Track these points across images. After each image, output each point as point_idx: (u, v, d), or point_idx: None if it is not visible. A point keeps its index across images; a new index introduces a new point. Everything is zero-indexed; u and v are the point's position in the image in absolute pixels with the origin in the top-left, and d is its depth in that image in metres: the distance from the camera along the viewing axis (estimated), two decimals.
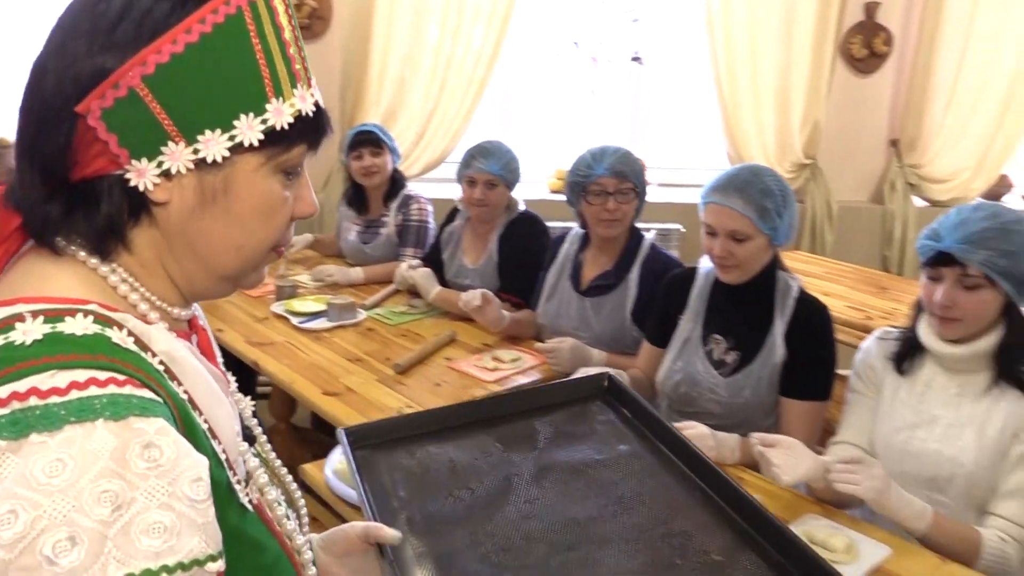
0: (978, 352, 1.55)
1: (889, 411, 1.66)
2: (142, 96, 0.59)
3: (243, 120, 0.62)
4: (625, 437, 1.13)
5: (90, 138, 0.60)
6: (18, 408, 0.52)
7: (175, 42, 0.59)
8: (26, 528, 0.49)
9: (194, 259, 0.66)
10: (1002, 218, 1.51)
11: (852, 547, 1.40)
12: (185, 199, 0.63)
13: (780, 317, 1.85)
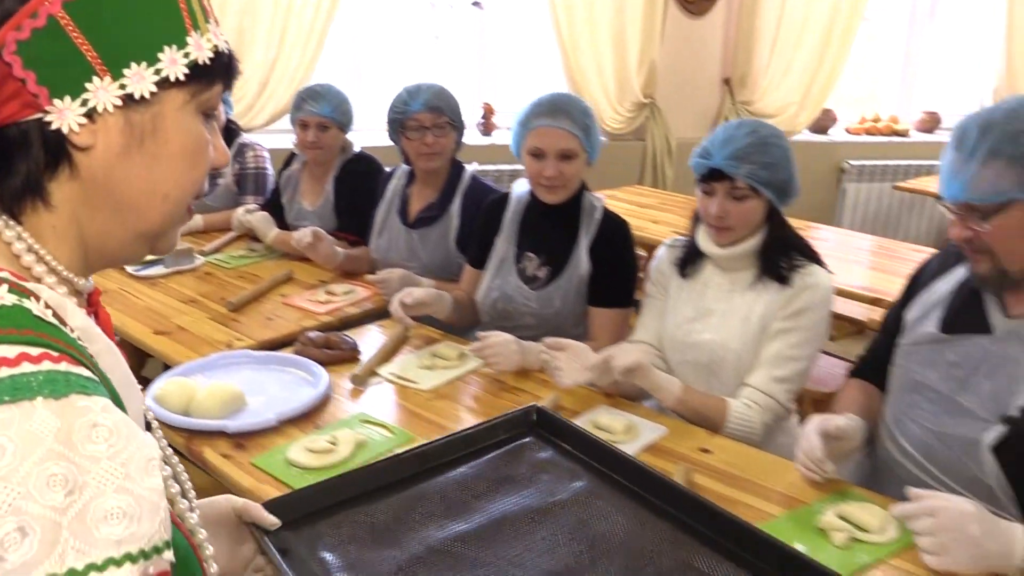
0: (746, 252, 1.74)
1: (674, 309, 1.83)
2: (63, 25, 0.54)
3: (167, 53, 0.58)
4: (574, 472, 1.06)
5: (2, 76, 0.54)
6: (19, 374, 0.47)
7: None
8: None
9: (116, 213, 0.61)
10: (761, 133, 1.68)
11: (631, 428, 1.57)
12: (111, 142, 0.57)
13: (585, 234, 2.01)
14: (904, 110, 4.97)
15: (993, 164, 1.24)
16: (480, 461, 1.09)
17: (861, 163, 4.56)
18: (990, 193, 1.25)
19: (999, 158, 1.23)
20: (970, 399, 1.35)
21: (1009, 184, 1.23)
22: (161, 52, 0.58)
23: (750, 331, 1.72)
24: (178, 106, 0.60)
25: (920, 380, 1.44)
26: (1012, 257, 1.29)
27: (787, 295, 1.70)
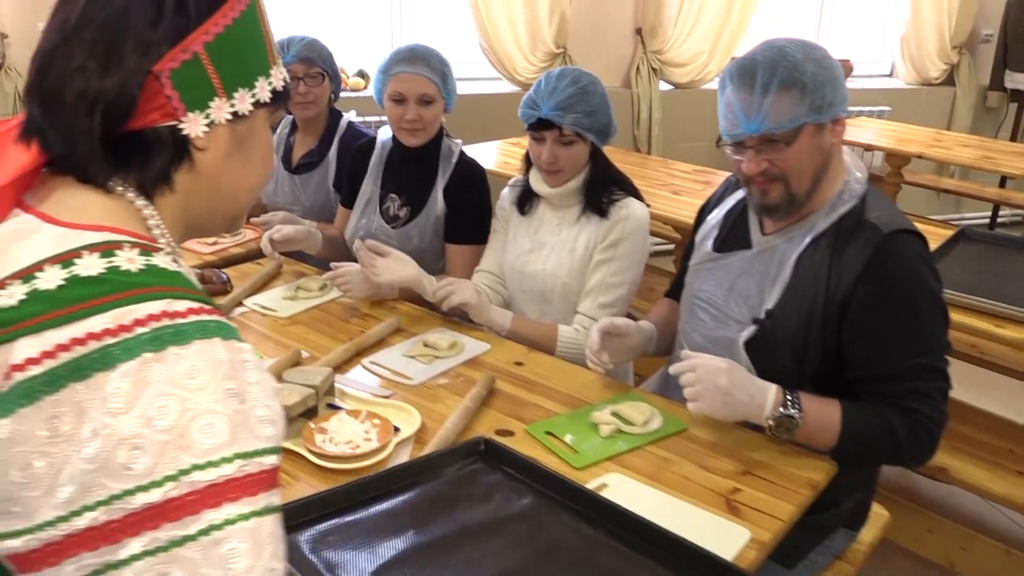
0: (572, 189, 1.92)
1: (513, 243, 2.02)
2: (202, 60, 0.71)
3: (260, 82, 0.76)
4: (520, 492, 1.24)
5: (154, 92, 0.69)
6: (155, 327, 0.62)
7: (225, 18, 0.72)
8: (179, 416, 0.59)
9: (215, 199, 0.78)
10: (582, 83, 1.84)
11: (456, 344, 1.77)
12: (219, 146, 0.75)
13: (442, 176, 2.18)
14: None
15: (786, 94, 1.37)
16: (438, 482, 1.27)
17: None
18: (787, 120, 1.38)
19: (792, 88, 1.37)
20: (732, 306, 1.55)
21: (800, 110, 1.37)
22: (256, 81, 0.76)
23: (576, 261, 1.91)
24: (261, 121, 0.79)
25: (698, 294, 1.64)
26: (801, 178, 1.44)
27: (606, 227, 1.89)
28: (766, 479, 1.36)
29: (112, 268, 0.65)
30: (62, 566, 0.59)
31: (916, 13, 4.91)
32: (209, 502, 0.59)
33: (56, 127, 0.70)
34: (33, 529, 0.60)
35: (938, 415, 1.41)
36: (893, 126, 4.50)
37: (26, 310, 0.62)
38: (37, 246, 0.66)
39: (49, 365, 0.60)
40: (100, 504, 0.58)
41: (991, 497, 2.03)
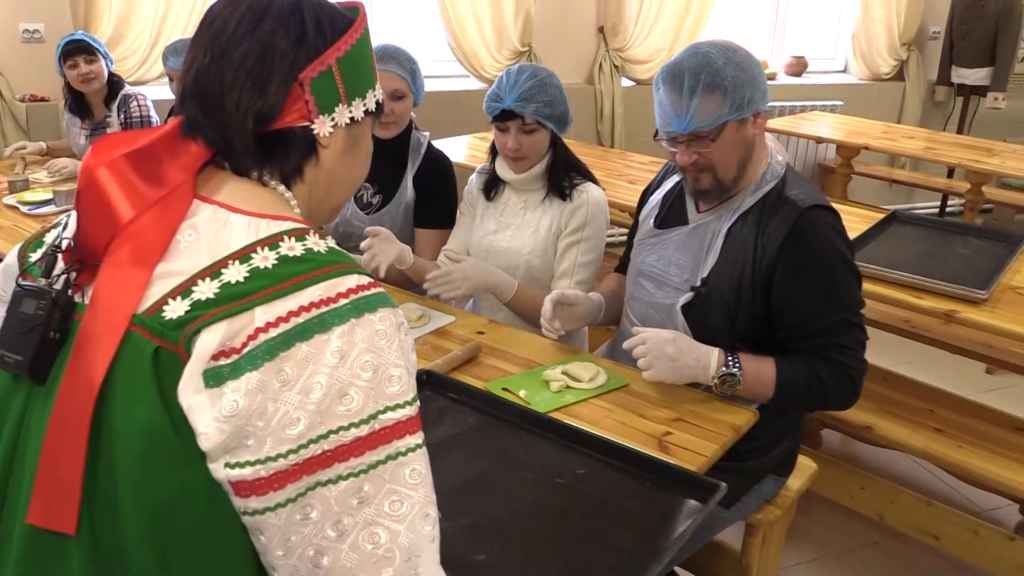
0: (535, 175, 2.10)
1: (480, 225, 2.20)
2: (334, 72, 0.85)
3: (370, 94, 0.90)
4: (464, 414, 1.49)
5: (295, 97, 0.83)
6: (354, 298, 0.75)
7: (352, 38, 0.86)
8: (376, 370, 0.74)
9: (330, 190, 0.91)
10: (539, 76, 2.02)
11: (424, 316, 1.94)
12: (338, 145, 0.88)
13: (412, 166, 2.35)
14: (775, 55, 5.36)
15: (709, 97, 1.55)
16: None
17: None
18: (711, 119, 1.56)
19: (714, 91, 1.55)
20: (671, 275, 1.74)
21: (723, 109, 1.56)
22: (367, 93, 0.90)
23: (539, 240, 2.10)
24: (368, 127, 0.93)
25: (641, 266, 1.82)
26: (727, 167, 1.63)
27: (569, 210, 2.07)
28: (695, 424, 1.55)
29: (308, 250, 0.78)
30: (285, 489, 0.72)
31: (866, 11, 5.15)
32: (397, 434, 0.74)
33: (216, 127, 0.83)
34: (264, 460, 0.71)
35: (858, 363, 1.62)
36: (844, 119, 4.73)
37: (253, 285, 0.74)
38: (240, 232, 0.78)
39: (284, 328, 0.73)
40: (321, 438, 0.71)
41: (911, 452, 2.24)
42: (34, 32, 3.79)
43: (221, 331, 0.73)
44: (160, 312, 0.74)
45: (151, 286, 0.76)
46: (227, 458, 0.72)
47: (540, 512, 1.26)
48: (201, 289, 0.75)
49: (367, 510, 0.73)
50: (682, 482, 1.32)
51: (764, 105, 1.61)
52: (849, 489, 2.45)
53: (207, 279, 0.75)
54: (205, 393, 0.71)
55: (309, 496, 0.72)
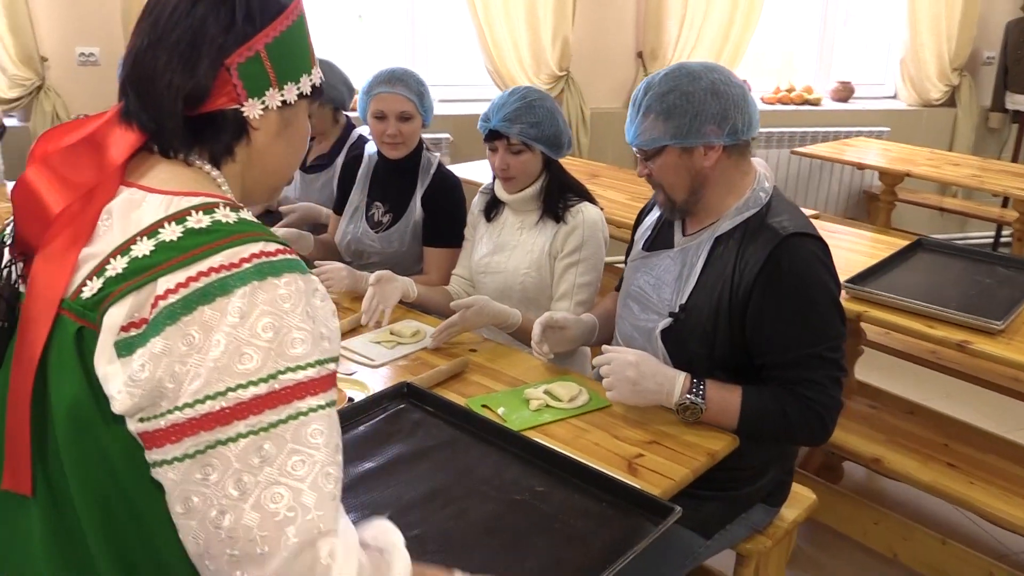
0: (530, 196, 2.12)
1: (478, 246, 2.22)
2: (263, 57, 0.89)
3: (304, 78, 0.94)
4: (439, 427, 1.51)
5: (224, 81, 0.87)
6: (257, 262, 0.79)
7: (282, 24, 0.90)
8: (277, 331, 0.77)
9: (264, 172, 0.95)
10: (528, 97, 2.05)
11: (419, 332, 1.97)
12: (269, 127, 0.92)
13: (421, 185, 2.40)
14: (821, 81, 5.28)
15: (648, 117, 1.60)
16: (373, 422, 1.52)
17: (769, 130, 4.89)
18: (648, 140, 1.61)
19: (651, 112, 1.59)
20: (655, 300, 1.73)
21: (659, 133, 1.59)
22: (301, 77, 0.94)
23: (533, 260, 2.11)
24: (302, 110, 0.96)
25: (630, 288, 1.82)
26: (673, 190, 1.66)
27: (564, 232, 2.08)
28: (669, 447, 1.53)
29: (215, 221, 0.82)
30: (182, 442, 0.75)
31: (914, 36, 5.04)
32: (298, 395, 0.77)
33: (148, 111, 0.87)
34: (163, 414, 0.75)
35: (829, 400, 1.56)
36: (889, 146, 4.63)
37: (158, 257, 0.79)
38: (152, 210, 0.83)
39: (183, 293, 0.77)
40: (219, 395, 0.75)
41: (919, 486, 2.16)
42: (89, 55, 3.99)
43: (128, 304, 0.78)
44: (80, 294, 0.80)
45: (76, 271, 0.82)
46: (140, 414, 0.77)
47: (490, 528, 1.26)
48: (113, 266, 0.80)
49: (268, 469, 0.75)
50: (638, 504, 1.30)
51: (721, 140, 1.59)
52: (862, 524, 2.37)
53: (118, 256, 0.80)
54: (118, 362, 0.77)
55: (209, 455, 0.75)
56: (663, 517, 1.26)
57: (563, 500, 1.32)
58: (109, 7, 3.86)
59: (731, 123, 1.58)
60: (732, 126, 1.58)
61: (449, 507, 1.30)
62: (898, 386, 3.01)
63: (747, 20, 4.70)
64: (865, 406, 2.49)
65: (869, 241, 2.82)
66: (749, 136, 1.63)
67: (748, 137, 1.62)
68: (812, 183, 5.08)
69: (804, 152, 4.40)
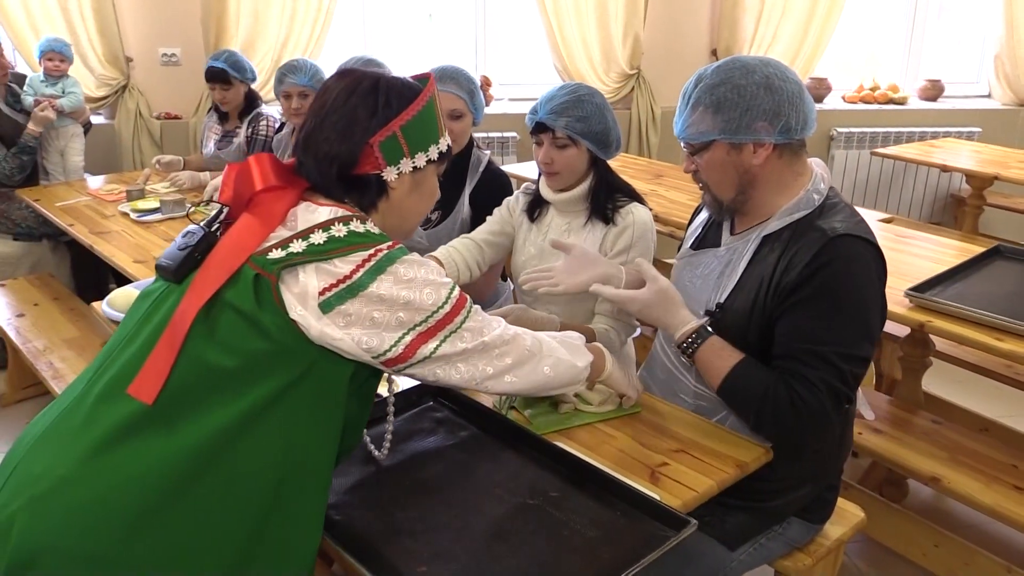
0: (577, 196, 2.08)
1: (522, 248, 2.19)
2: (398, 136, 1.18)
3: (432, 148, 1.23)
4: (461, 427, 1.53)
5: (368, 155, 1.17)
6: (398, 246, 1.15)
7: (414, 109, 1.19)
8: (429, 275, 1.16)
9: (399, 220, 1.24)
10: (578, 92, 2.01)
11: None
12: (404, 187, 1.22)
13: (470, 183, 2.39)
14: (908, 78, 5.05)
15: (697, 110, 1.54)
16: (397, 420, 1.53)
17: (850, 130, 4.70)
18: (695, 134, 1.55)
19: (699, 106, 1.53)
20: (699, 296, 1.67)
21: (707, 126, 1.53)
22: (431, 147, 1.24)
23: None
24: (431, 172, 1.26)
25: (676, 284, 1.77)
26: (719, 188, 1.59)
27: (613, 233, 2.04)
28: (696, 457, 1.48)
29: (367, 230, 1.15)
30: (416, 353, 1.15)
31: (1010, 32, 4.77)
32: (463, 304, 1.19)
33: (312, 169, 1.20)
34: (394, 345, 1.13)
35: (815, 404, 1.46)
36: (979, 147, 4.39)
37: (330, 245, 1.11)
38: (324, 214, 1.15)
39: (363, 270, 1.11)
40: (423, 321, 1.15)
41: (980, 509, 2.03)
42: (171, 56, 4.15)
43: (314, 275, 1.10)
44: (267, 255, 1.11)
45: (266, 242, 1.12)
46: (370, 354, 1.12)
47: (497, 532, 1.24)
48: (295, 245, 1.11)
49: (471, 335, 1.20)
50: (653, 514, 1.26)
51: (772, 138, 1.52)
52: (922, 545, 2.25)
53: (299, 240, 1.12)
54: (326, 318, 1.09)
55: (435, 356, 1.17)
56: (677, 530, 1.22)
57: (576, 507, 1.30)
58: (190, 10, 4.00)
59: (784, 120, 1.51)
60: (785, 123, 1.51)
61: (458, 508, 1.29)
62: (970, 400, 2.85)
63: (828, 15, 4.54)
64: (928, 421, 2.36)
65: (946, 248, 2.67)
66: (804, 135, 1.55)
67: (803, 136, 1.55)
68: (895, 186, 4.86)
69: (884, 153, 4.20)
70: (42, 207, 3.22)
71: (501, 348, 1.23)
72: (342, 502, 1.31)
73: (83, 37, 3.92)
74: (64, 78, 3.58)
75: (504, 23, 4.52)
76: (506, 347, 1.24)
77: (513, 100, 4.57)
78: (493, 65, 4.56)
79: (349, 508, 1.30)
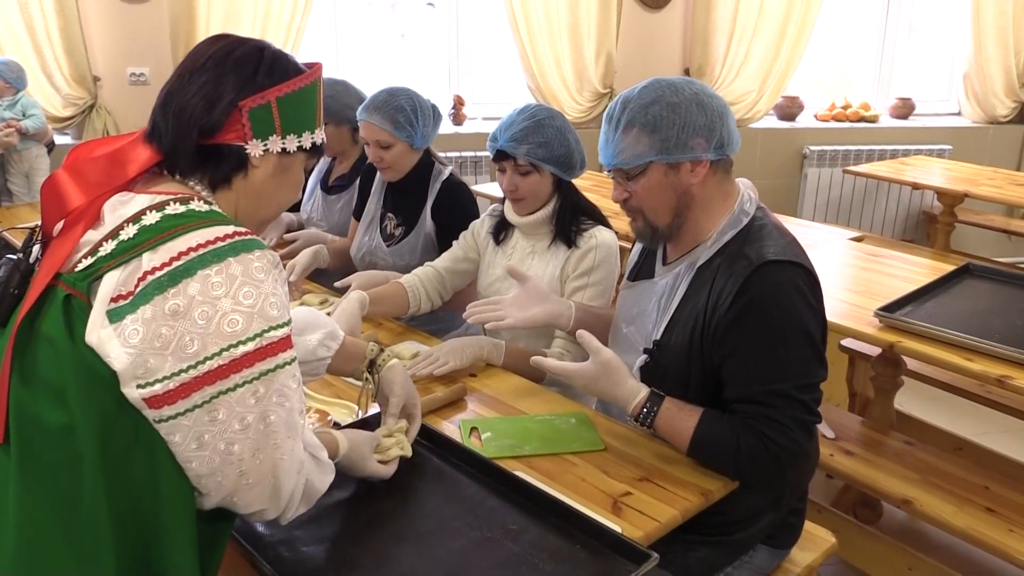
0: (541, 219, 2.05)
1: (487, 270, 2.16)
2: (272, 107, 1.05)
3: (306, 135, 1.10)
4: (419, 455, 1.44)
5: (235, 120, 1.03)
6: (230, 241, 0.95)
7: (296, 84, 1.07)
8: (256, 298, 0.94)
9: (255, 205, 1.11)
10: (537, 117, 1.98)
11: (418, 355, 1.92)
12: (268, 168, 1.08)
13: (430, 198, 2.37)
14: (880, 97, 5.09)
15: (630, 132, 1.47)
16: None
17: (822, 148, 4.72)
18: (631, 157, 1.48)
19: (634, 127, 1.46)
20: (634, 332, 1.62)
21: (644, 148, 1.46)
22: (304, 133, 1.10)
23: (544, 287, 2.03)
24: (299, 161, 1.12)
25: (617, 319, 1.73)
26: (656, 213, 1.53)
27: (576, 256, 2.01)
28: (659, 485, 1.44)
29: (189, 209, 1.00)
30: (191, 397, 0.92)
31: (979, 51, 4.82)
32: (281, 348, 0.97)
33: (169, 134, 1.04)
34: (170, 376, 0.91)
35: (790, 444, 1.41)
36: (949, 164, 4.42)
37: (140, 238, 0.96)
38: (138, 204, 1.00)
39: (167, 269, 0.93)
40: (215, 355, 0.92)
41: (952, 532, 2.01)
42: (140, 75, 4.10)
43: (115, 278, 0.94)
44: (75, 269, 0.97)
45: (76, 252, 0.98)
46: (137, 381, 0.92)
47: (452, 568, 1.19)
48: (104, 248, 0.97)
49: (263, 404, 0.97)
50: (614, 547, 1.22)
51: (708, 155, 1.48)
52: (896, 568, 2.23)
53: (109, 240, 0.97)
54: (110, 328, 0.92)
55: (214, 403, 0.94)
56: (639, 563, 1.18)
57: (535, 539, 1.25)
58: (159, 29, 3.96)
59: (717, 135, 1.48)
60: (719, 139, 1.48)
61: (414, 543, 1.25)
62: (943, 419, 2.84)
63: (800, 34, 4.57)
64: (900, 442, 2.34)
65: (917, 266, 2.67)
66: (733, 151, 1.53)
67: (732, 153, 1.53)
68: (868, 203, 4.89)
69: (857, 171, 4.23)
70: (2, 229, 3.15)
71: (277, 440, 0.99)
72: (292, 537, 1.26)
73: (49, 56, 3.86)
74: (21, 98, 3.52)
75: (477, 43, 4.51)
76: (282, 441, 1.00)
77: (487, 119, 4.55)
78: (467, 84, 4.54)
79: (299, 544, 1.25)
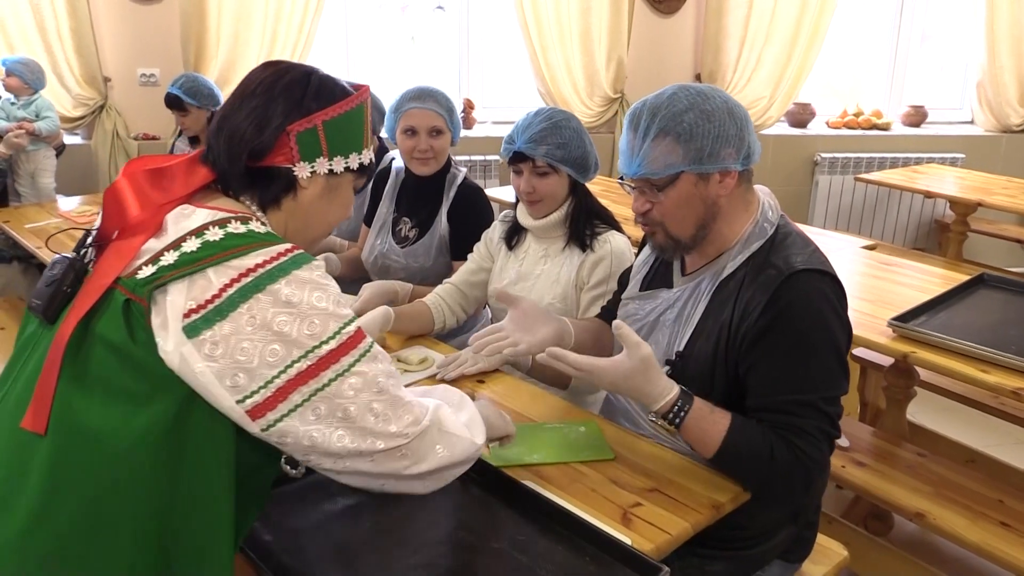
0: (555, 222, 2.03)
1: (500, 275, 2.14)
2: (319, 131, 1.09)
3: (353, 156, 1.13)
4: None
5: (283, 143, 1.07)
6: (290, 256, 1.00)
7: (341, 109, 1.10)
8: (327, 301, 0.99)
9: (304, 225, 1.14)
10: (554, 119, 1.96)
11: (427, 359, 1.90)
12: (316, 189, 1.11)
13: (446, 200, 2.36)
14: (892, 104, 5.06)
15: (662, 141, 1.43)
16: None
17: (833, 155, 4.69)
18: (662, 167, 1.44)
19: (667, 135, 1.42)
20: (653, 343, 1.59)
21: (676, 158, 1.43)
22: (352, 154, 1.14)
23: (558, 291, 2.02)
24: (348, 182, 1.16)
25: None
26: (681, 226, 1.49)
27: (591, 261, 1.99)
28: (671, 496, 1.42)
29: (249, 230, 1.02)
30: (289, 399, 0.96)
31: (992, 59, 4.79)
32: (358, 340, 1.01)
33: (221, 156, 1.09)
34: (264, 385, 0.96)
35: (818, 455, 1.39)
36: (962, 173, 4.39)
37: (204, 252, 0.98)
38: (199, 218, 1.03)
39: (237, 286, 0.96)
40: (301, 358, 0.97)
41: (965, 546, 1.98)
42: (150, 76, 4.10)
43: (183, 292, 0.96)
44: (136, 275, 0.98)
45: (136, 259, 1.00)
46: (234, 397, 0.95)
47: None
48: (166, 258, 0.98)
49: (359, 388, 1.01)
50: (623, 559, 1.20)
51: (737, 166, 1.45)
52: None
53: (171, 251, 0.99)
54: (189, 344, 0.94)
55: (313, 400, 0.98)
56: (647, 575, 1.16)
57: (543, 551, 1.23)
58: (169, 30, 3.96)
59: (746, 146, 1.45)
60: (747, 149, 1.46)
61: (420, 554, 1.23)
62: (956, 430, 2.80)
63: (812, 41, 4.54)
64: (913, 454, 2.31)
65: (930, 275, 2.64)
66: (755, 162, 1.49)
67: (755, 163, 1.50)
68: (879, 211, 4.85)
69: (868, 179, 4.19)
70: (11, 229, 3.15)
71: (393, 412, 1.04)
72: (295, 547, 1.24)
73: (60, 56, 3.87)
74: (38, 99, 3.52)
75: (487, 46, 4.50)
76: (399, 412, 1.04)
77: (496, 123, 4.54)
78: (476, 88, 4.53)
79: (303, 554, 1.23)
